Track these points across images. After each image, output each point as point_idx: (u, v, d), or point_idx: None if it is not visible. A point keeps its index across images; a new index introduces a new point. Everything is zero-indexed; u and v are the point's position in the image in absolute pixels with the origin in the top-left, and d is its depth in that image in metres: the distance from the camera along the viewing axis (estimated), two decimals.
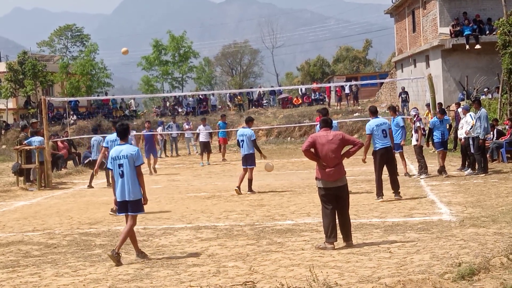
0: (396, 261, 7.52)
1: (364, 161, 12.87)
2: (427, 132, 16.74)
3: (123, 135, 8.67)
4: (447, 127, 16.50)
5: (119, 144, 8.65)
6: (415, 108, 18.34)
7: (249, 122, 15.47)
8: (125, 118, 40.54)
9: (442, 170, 16.06)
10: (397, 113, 17.07)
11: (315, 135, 8.84)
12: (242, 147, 15.06)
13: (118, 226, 11.18)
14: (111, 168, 8.58)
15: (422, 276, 6.28)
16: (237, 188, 14.76)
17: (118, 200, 8.53)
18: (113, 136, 13.05)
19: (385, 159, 12.75)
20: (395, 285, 6.04)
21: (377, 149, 12.77)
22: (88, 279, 7.59)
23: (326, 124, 8.93)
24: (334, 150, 8.61)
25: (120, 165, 8.40)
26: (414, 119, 16.75)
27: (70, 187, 18.70)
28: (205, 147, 25.17)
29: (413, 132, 16.76)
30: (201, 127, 25.89)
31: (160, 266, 8.03)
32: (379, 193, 12.60)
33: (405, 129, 16.91)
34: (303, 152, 8.80)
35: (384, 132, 12.80)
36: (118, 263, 8.16)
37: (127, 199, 8.41)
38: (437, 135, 16.13)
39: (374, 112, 13.40)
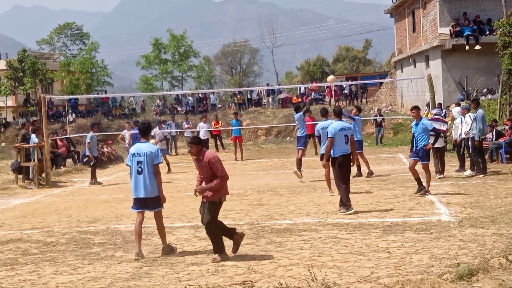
0: (395, 261, 7.52)
1: (324, 166, 12.44)
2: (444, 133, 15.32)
3: (145, 133, 8.91)
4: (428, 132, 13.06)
5: (140, 142, 8.86)
6: (437, 108, 17.70)
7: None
8: (124, 116, 40.55)
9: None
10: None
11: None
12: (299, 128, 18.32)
13: (117, 225, 11.19)
14: (129, 164, 8.77)
15: (420, 277, 6.27)
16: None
17: (133, 196, 8.72)
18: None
19: (344, 166, 11.46)
20: (394, 285, 6.03)
21: (336, 155, 11.51)
22: (86, 277, 7.60)
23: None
24: None
25: (139, 162, 8.59)
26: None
27: (69, 185, 18.70)
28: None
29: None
30: (201, 124, 25.70)
31: (159, 265, 8.03)
32: (348, 204, 11.20)
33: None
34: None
35: (346, 138, 11.69)
36: (174, 251, 8.70)
37: (144, 196, 8.62)
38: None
39: (338, 114, 12.15)
